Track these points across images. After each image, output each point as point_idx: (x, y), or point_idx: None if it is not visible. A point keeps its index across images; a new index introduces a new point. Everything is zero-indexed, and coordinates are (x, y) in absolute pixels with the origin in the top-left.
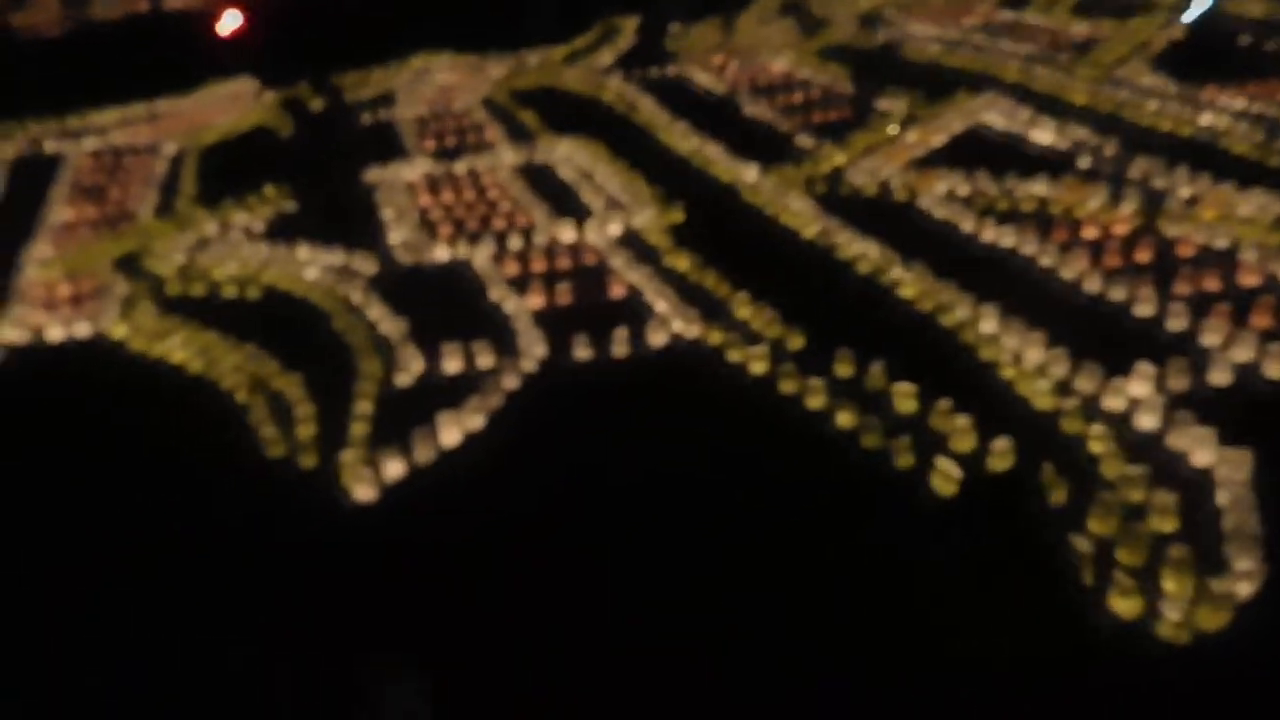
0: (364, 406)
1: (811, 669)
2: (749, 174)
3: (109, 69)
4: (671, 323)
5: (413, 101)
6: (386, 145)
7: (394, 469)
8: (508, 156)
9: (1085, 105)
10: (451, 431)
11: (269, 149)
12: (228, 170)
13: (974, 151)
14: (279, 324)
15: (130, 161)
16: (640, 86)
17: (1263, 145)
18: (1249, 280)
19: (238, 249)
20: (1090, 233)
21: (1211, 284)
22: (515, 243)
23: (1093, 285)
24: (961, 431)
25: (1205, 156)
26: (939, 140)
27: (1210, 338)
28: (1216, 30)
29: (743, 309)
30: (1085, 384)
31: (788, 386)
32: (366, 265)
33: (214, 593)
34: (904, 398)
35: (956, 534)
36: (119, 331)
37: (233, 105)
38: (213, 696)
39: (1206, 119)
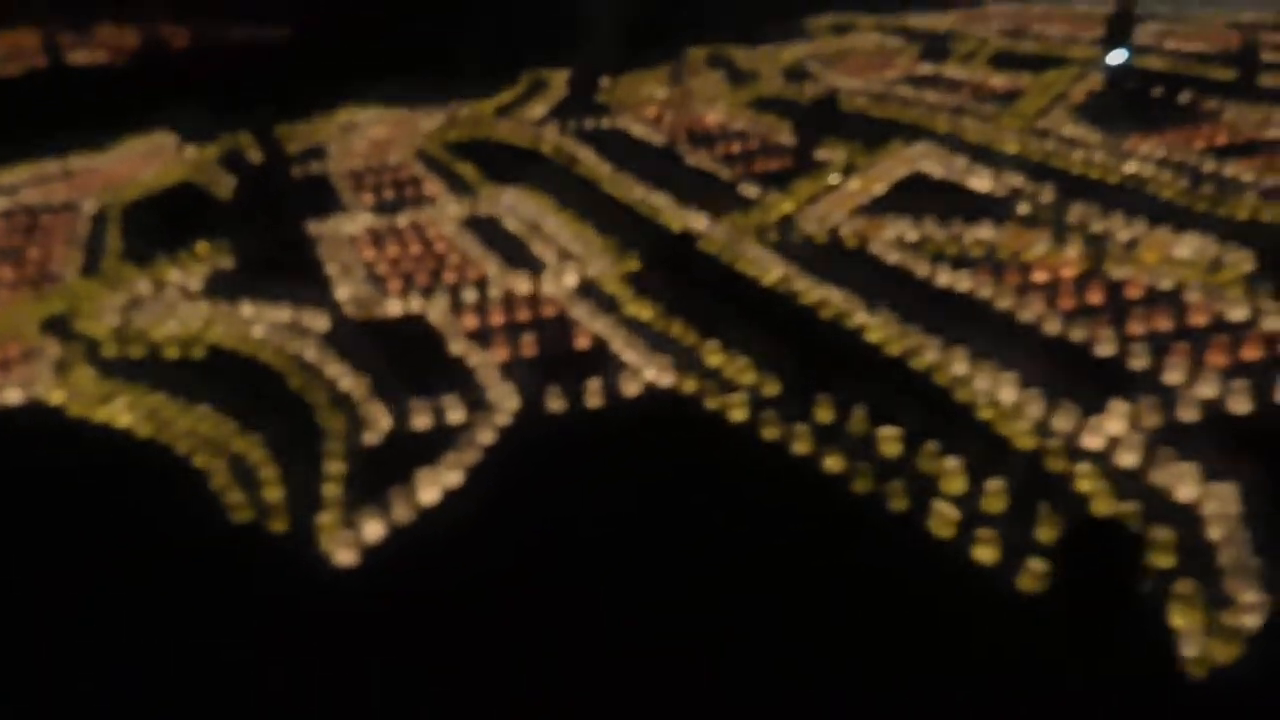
0: (335, 466)
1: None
2: (699, 222)
3: (10, 125)
4: (643, 372)
5: (345, 155)
6: (321, 199)
7: (373, 530)
8: (451, 209)
9: (1016, 154)
10: (430, 489)
11: (197, 204)
12: (155, 227)
13: (916, 199)
14: (230, 384)
15: (48, 220)
16: (577, 138)
17: (1188, 191)
18: (1198, 319)
19: (175, 308)
20: (1041, 276)
21: (1164, 323)
22: (470, 295)
23: (1052, 327)
24: (951, 473)
25: (1136, 202)
26: (880, 188)
27: (1173, 376)
28: (1130, 82)
29: (713, 356)
30: (1063, 423)
31: (770, 433)
32: (317, 321)
33: (190, 667)
34: (889, 442)
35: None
36: (56, 396)
37: (152, 160)
38: None
39: (1132, 166)
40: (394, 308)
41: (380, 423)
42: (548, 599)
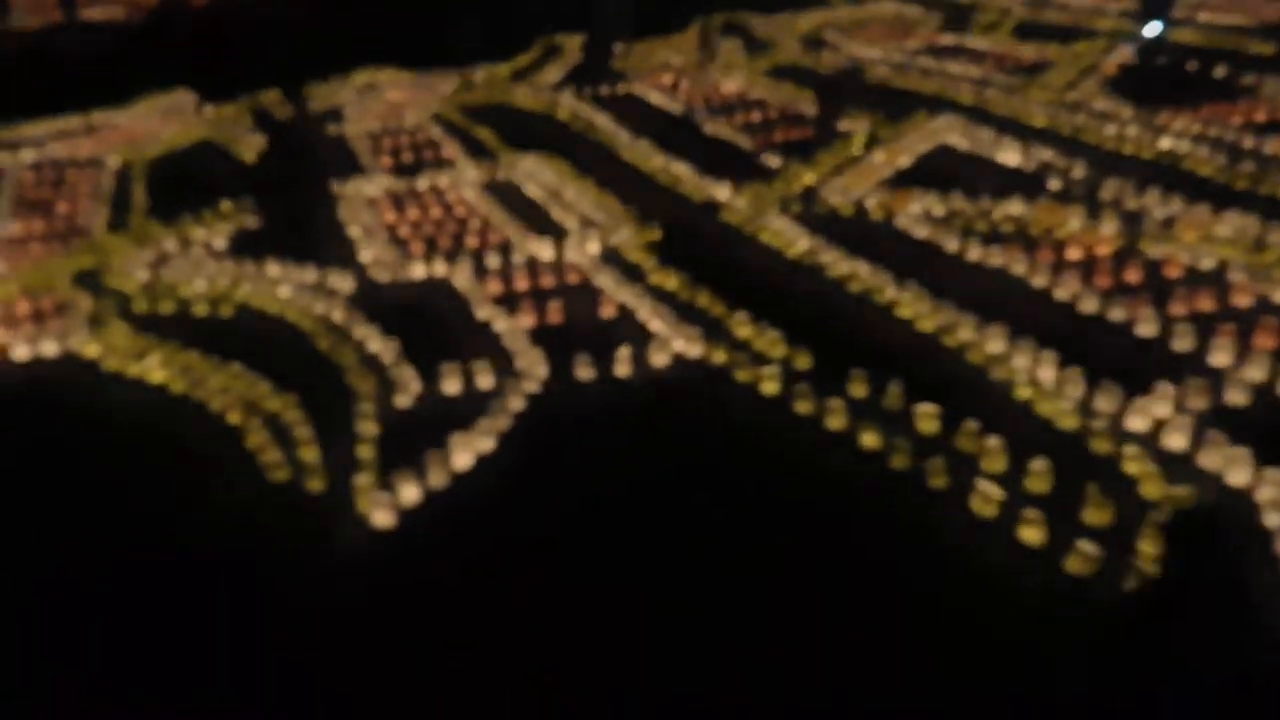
0: (368, 428)
1: (846, 701)
2: (721, 192)
3: (30, 78)
4: (671, 342)
5: (362, 117)
6: (341, 161)
7: (410, 493)
8: (470, 173)
9: (1045, 128)
10: (463, 454)
11: (219, 163)
12: (178, 185)
13: (942, 172)
14: (259, 343)
15: (73, 175)
16: (594, 104)
17: (1226, 168)
18: (1242, 301)
19: (202, 266)
20: (1075, 254)
21: (1206, 304)
22: (493, 261)
23: (1089, 306)
24: (993, 452)
25: (1172, 179)
26: (906, 161)
27: (1219, 358)
28: (1164, 56)
29: (742, 328)
30: (1105, 404)
31: (803, 407)
32: (342, 283)
33: (227, 623)
34: (926, 418)
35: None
36: (91, 350)
37: (171, 118)
38: None
39: (1166, 143)
40: (418, 271)
41: (411, 386)
42: (580, 566)
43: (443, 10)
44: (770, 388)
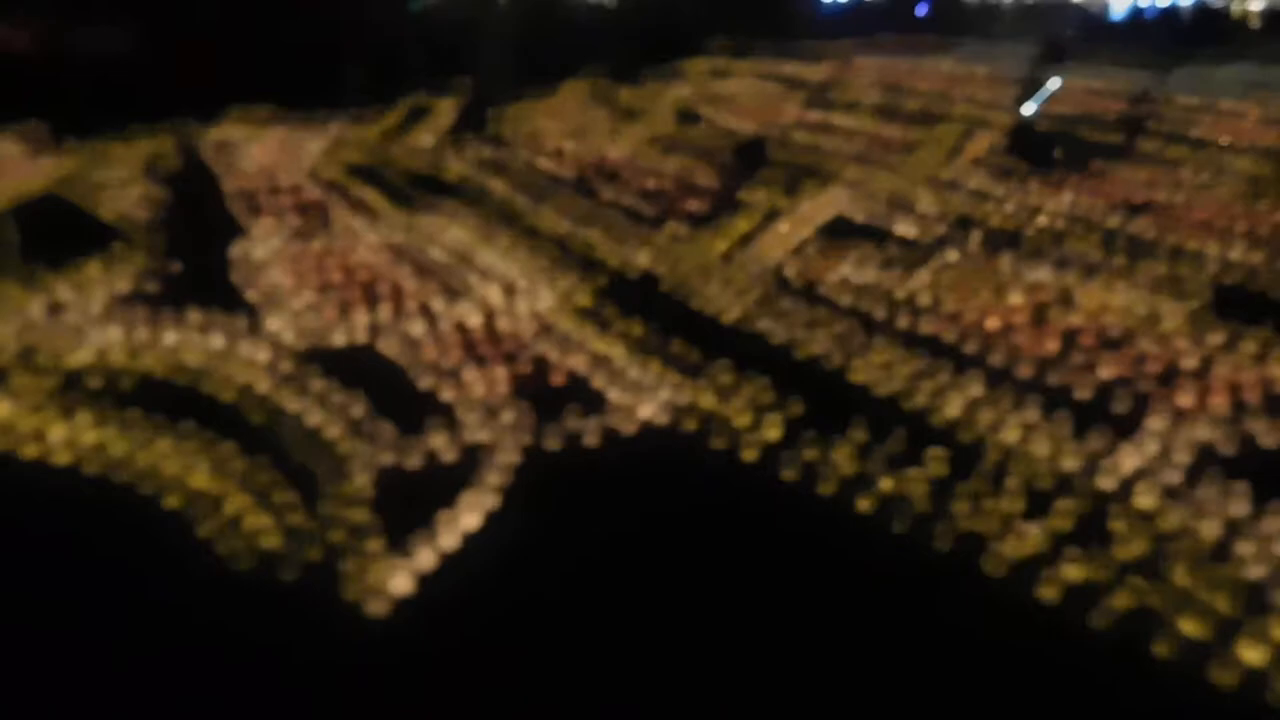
0: (331, 508)
1: None
2: (641, 257)
3: None
4: (636, 410)
5: (230, 174)
6: (218, 220)
7: (404, 578)
8: (368, 235)
9: (928, 203)
10: (448, 535)
11: (67, 218)
12: (27, 241)
13: (843, 242)
14: (174, 419)
15: None
16: (480, 168)
17: (1105, 243)
18: (1155, 368)
19: (83, 332)
20: (993, 323)
21: (1124, 369)
22: (417, 327)
23: (1026, 371)
24: (1012, 494)
25: (1056, 254)
26: (809, 231)
27: (1157, 422)
28: (1030, 137)
29: (725, 375)
30: (1073, 463)
31: (789, 475)
32: (257, 352)
33: None
34: (936, 462)
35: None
36: None
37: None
38: None
39: (1044, 219)
40: (338, 338)
41: (371, 462)
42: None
43: (310, 60)
44: (750, 455)
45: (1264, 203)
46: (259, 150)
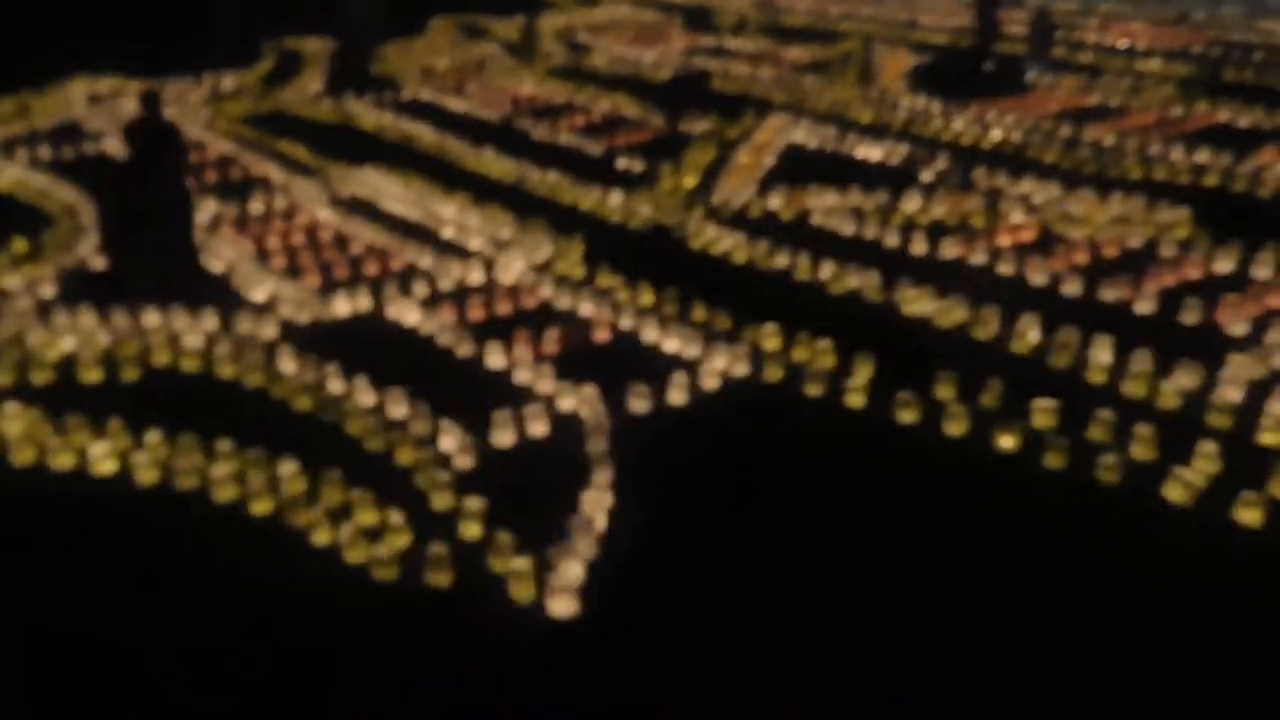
0: (445, 498)
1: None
2: (612, 199)
3: None
4: (708, 362)
5: (116, 131)
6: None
7: (572, 568)
8: (311, 191)
9: (871, 122)
10: (594, 511)
11: None
12: None
13: (812, 169)
14: (203, 412)
15: None
16: (395, 112)
17: (1070, 154)
18: (1194, 273)
19: (52, 322)
20: (1006, 241)
21: (1170, 279)
22: (421, 289)
23: (1072, 288)
24: (1144, 441)
25: (1026, 166)
26: (771, 160)
27: (1236, 327)
28: (953, 56)
29: (770, 340)
30: (1184, 382)
31: (907, 415)
32: (263, 328)
33: None
34: (1044, 414)
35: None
36: None
37: None
38: None
39: (998, 133)
40: (341, 307)
41: (465, 442)
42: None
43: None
44: (857, 400)
45: (1200, 105)
46: (134, 103)
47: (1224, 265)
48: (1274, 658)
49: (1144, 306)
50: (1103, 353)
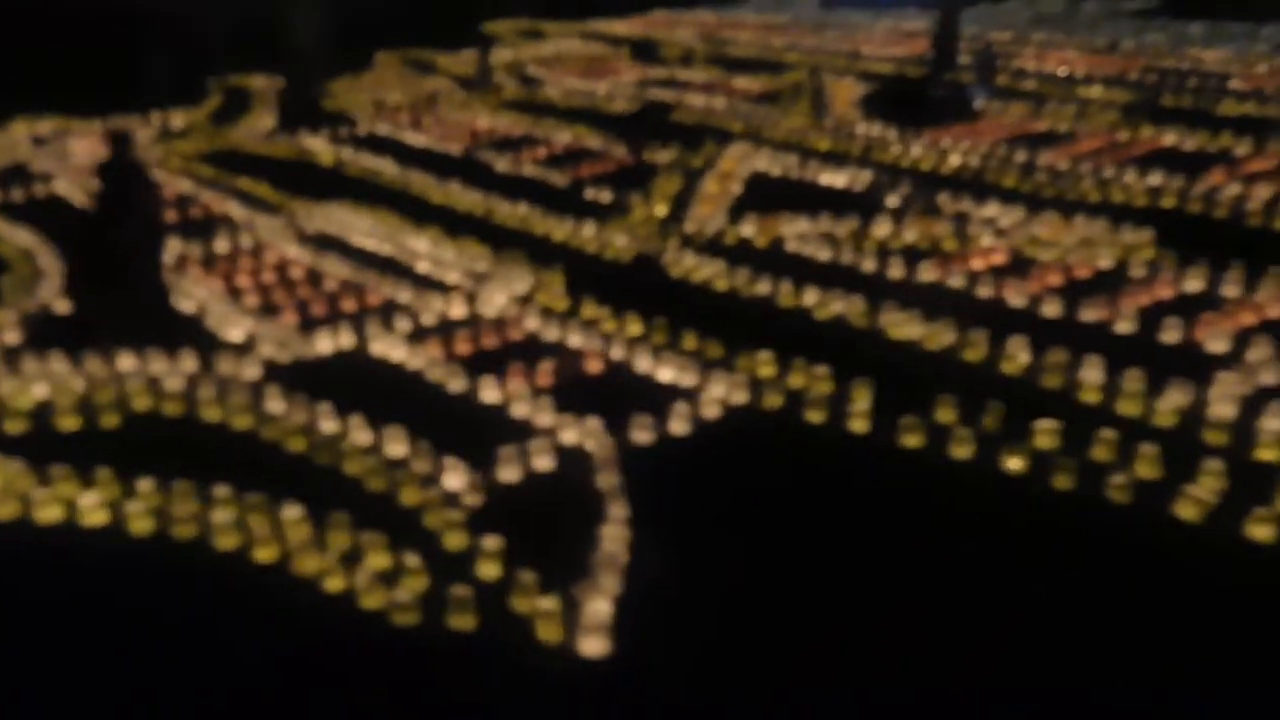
0: (458, 539)
1: None
2: (585, 230)
3: None
4: (707, 391)
5: (67, 171)
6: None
7: (599, 606)
8: (277, 228)
9: (830, 150)
10: (613, 544)
11: None
12: None
13: (779, 197)
14: (192, 455)
15: None
16: (353, 147)
17: (1029, 179)
18: (1166, 293)
19: (20, 368)
20: (978, 264)
21: (1146, 298)
22: (404, 324)
23: (1052, 310)
24: (1148, 459)
25: (987, 191)
26: (737, 188)
27: (1215, 345)
28: (899, 84)
29: (765, 368)
30: (1178, 400)
31: (912, 441)
32: (245, 370)
33: None
34: (1045, 434)
35: None
36: None
37: None
38: None
39: (956, 158)
40: (324, 344)
41: (471, 480)
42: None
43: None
44: (860, 426)
45: (1145, 130)
46: (82, 144)
47: (1194, 284)
48: None
49: (1124, 326)
50: (1093, 372)
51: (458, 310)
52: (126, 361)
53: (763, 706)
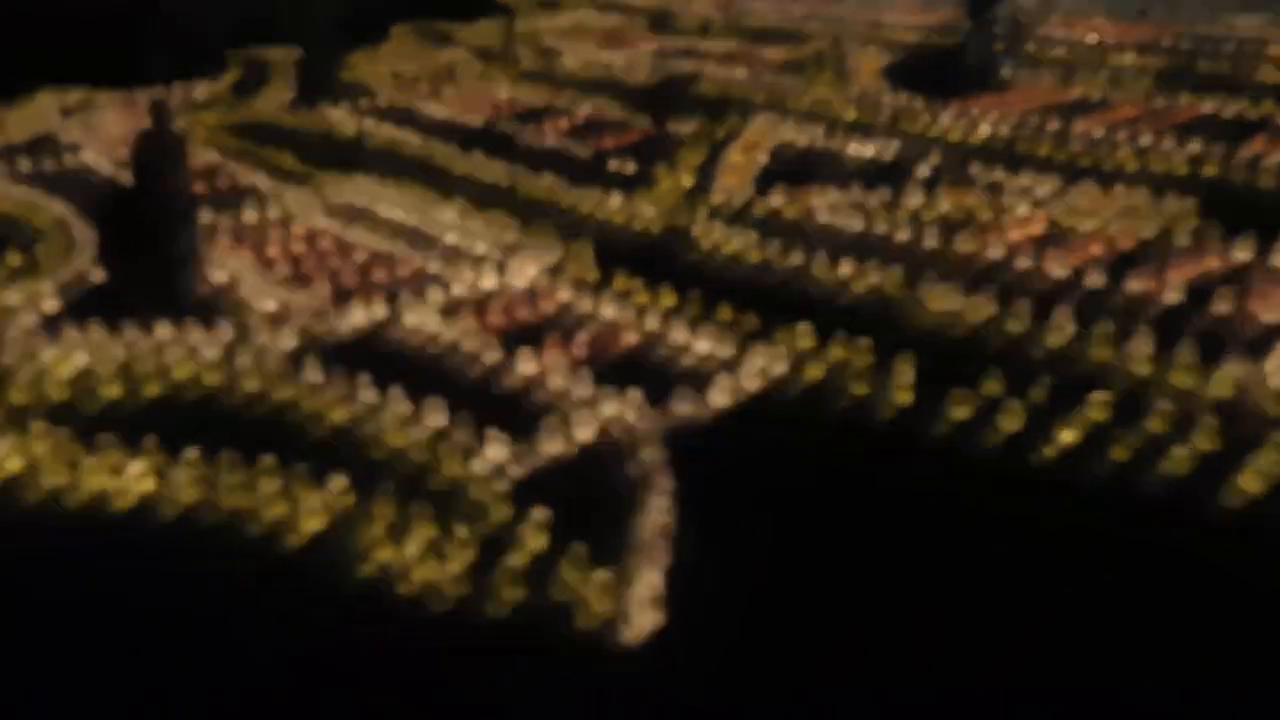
0: (504, 512)
1: None
2: (612, 201)
3: None
4: (754, 363)
5: (97, 143)
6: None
7: (649, 582)
8: (305, 200)
9: (857, 120)
10: (651, 526)
11: None
12: None
13: (808, 168)
14: (233, 426)
15: None
16: (376, 119)
17: (1062, 148)
18: (1212, 264)
19: (63, 339)
20: (1015, 235)
21: (1192, 270)
22: (436, 296)
23: (1096, 280)
24: (1208, 431)
25: (1020, 161)
26: (764, 158)
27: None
28: (929, 53)
29: (804, 339)
30: (1234, 372)
31: (961, 413)
32: (281, 339)
33: None
34: (1098, 408)
35: None
36: (12, 464)
37: None
38: None
39: (986, 128)
40: (358, 316)
41: (514, 452)
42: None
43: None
44: (905, 396)
45: (1182, 97)
46: (109, 115)
47: (1242, 255)
48: None
49: (1172, 297)
50: (1143, 345)
51: (489, 281)
52: (164, 331)
53: (804, 686)
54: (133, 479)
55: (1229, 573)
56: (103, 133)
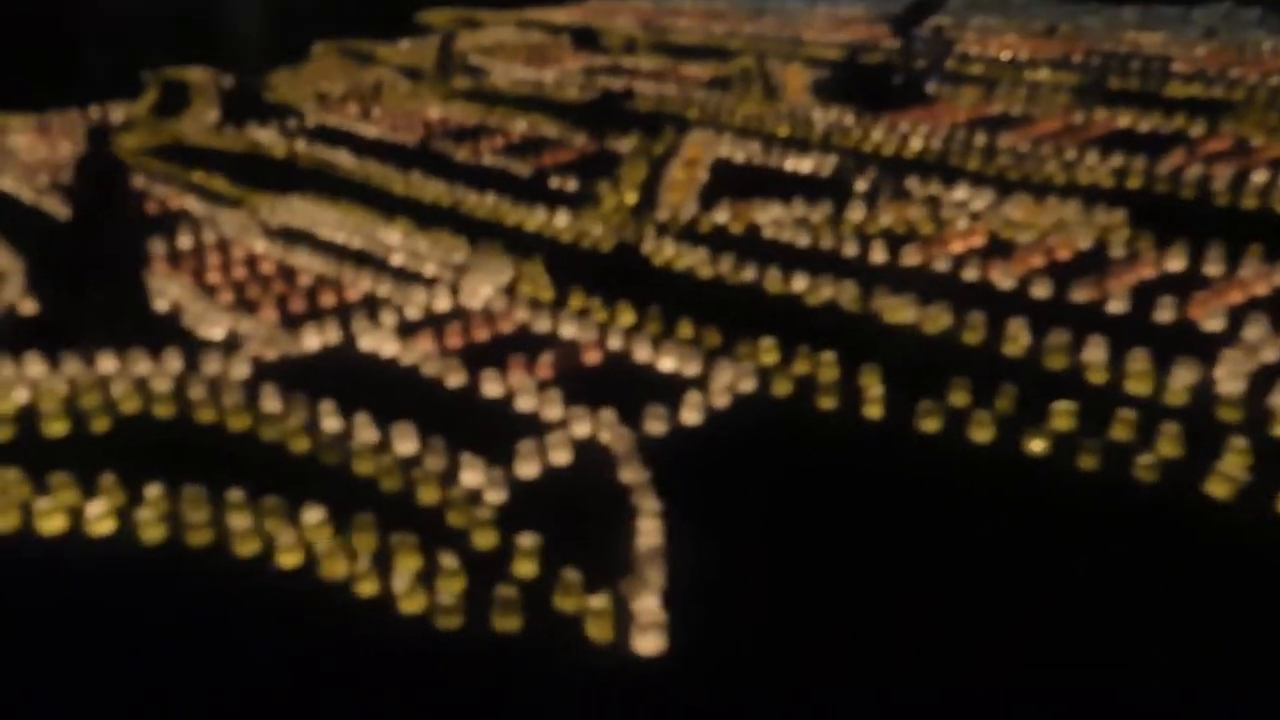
0: (488, 536)
1: None
2: (559, 219)
3: None
4: (720, 379)
5: (16, 169)
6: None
7: (648, 603)
8: (238, 224)
9: (791, 135)
10: (648, 538)
11: None
12: None
13: (748, 183)
14: (193, 458)
15: None
16: (305, 139)
17: (990, 162)
18: (1148, 272)
19: None
20: (958, 247)
21: (1132, 278)
22: (389, 318)
23: (1042, 291)
24: (1170, 437)
25: (954, 174)
26: (704, 175)
27: (1211, 324)
28: (854, 68)
29: (768, 354)
30: (1186, 377)
31: (930, 425)
32: (233, 367)
33: None
34: (1063, 416)
35: None
36: None
37: None
38: None
39: (917, 142)
40: (310, 340)
41: (491, 476)
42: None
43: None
44: (874, 411)
45: (1098, 111)
46: (22, 139)
47: (1175, 264)
48: None
49: (1117, 306)
50: (1097, 352)
51: (442, 303)
52: (107, 363)
53: (816, 693)
54: (92, 520)
55: (1203, 572)
56: (15, 160)
